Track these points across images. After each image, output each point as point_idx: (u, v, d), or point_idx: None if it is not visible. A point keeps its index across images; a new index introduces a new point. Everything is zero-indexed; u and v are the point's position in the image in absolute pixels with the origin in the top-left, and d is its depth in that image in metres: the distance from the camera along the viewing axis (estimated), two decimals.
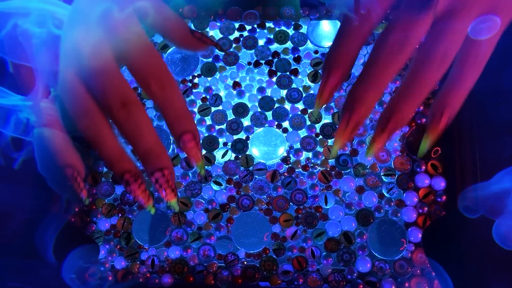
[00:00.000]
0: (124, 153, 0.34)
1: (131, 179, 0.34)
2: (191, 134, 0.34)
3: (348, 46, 0.33)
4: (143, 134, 0.33)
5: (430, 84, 0.31)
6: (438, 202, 0.42)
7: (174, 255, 0.42)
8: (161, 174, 0.33)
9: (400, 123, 0.31)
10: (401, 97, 0.32)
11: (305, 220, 0.42)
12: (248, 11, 0.47)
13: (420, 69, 0.31)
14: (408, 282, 0.40)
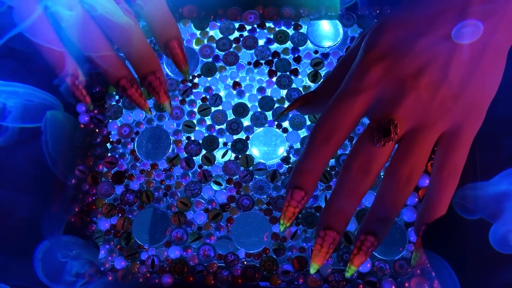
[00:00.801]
0: (119, 60, 0.36)
1: (128, 84, 0.36)
2: (177, 41, 0.37)
3: (316, 160, 0.32)
4: (133, 40, 0.35)
5: (400, 201, 0.31)
6: None
7: (174, 255, 0.42)
8: (154, 77, 0.36)
9: (374, 243, 0.32)
10: (374, 217, 0.32)
11: (305, 220, 0.42)
12: (248, 11, 0.47)
13: (388, 188, 0.31)
14: (408, 282, 0.40)
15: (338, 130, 0.32)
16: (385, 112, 0.31)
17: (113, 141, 0.45)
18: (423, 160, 0.31)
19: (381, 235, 0.32)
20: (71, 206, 0.43)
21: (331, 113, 0.32)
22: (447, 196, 0.32)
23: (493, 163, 0.41)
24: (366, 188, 0.32)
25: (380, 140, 0.31)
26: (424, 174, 0.42)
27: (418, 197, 0.42)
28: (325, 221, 0.32)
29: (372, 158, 0.31)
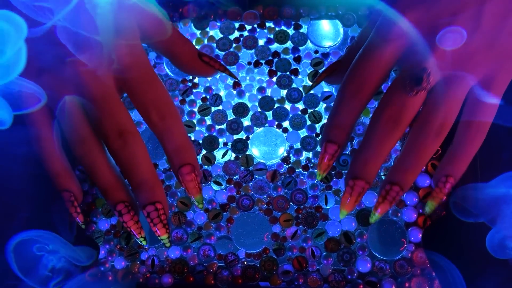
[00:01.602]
0: (119, 182, 0.33)
1: (124, 210, 0.33)
2: (190, 167, 0.34)
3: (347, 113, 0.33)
4: (138, 166, 0.32)
5: (428, 153, 0.32)
6: None
7: (174, 255, 0.42)
8: (154, 208, 0.33)
9: (399, 193, 0.32)
10: (400, 167, 0.32)
11: (305, 220, 0.42)
12: (248, 11, 0.47)
13: (418, 139, 0.31)
14: (408, 282, 0.40)
15: (368, 82, 0.32)
16: (417, 60, 0.30)
17: None
18: (455, 112, 0.31)
19: (406, 185, 0.32)
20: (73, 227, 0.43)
21: (360, 65, 0.32)
22: (471, 152, 0.32)
23: (493, 164, 0.41)
24: (396, 138, 0.31)
25: (412, 89, 0.30)
26: (425, 174, 0.42)
27: (418, 197, 0.42)
28: (354, 171, 0.32)
29: (403, 108, 0.30)
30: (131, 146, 0.32)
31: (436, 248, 0.41)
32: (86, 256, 0.40)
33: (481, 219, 0.36)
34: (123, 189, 0.34)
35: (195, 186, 0.34)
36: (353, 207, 0.33)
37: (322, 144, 0.34)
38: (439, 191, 0.33)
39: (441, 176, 0.33)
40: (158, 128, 0.33)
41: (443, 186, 0.33)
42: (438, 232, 0.41)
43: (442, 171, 0.33)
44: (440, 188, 0.33)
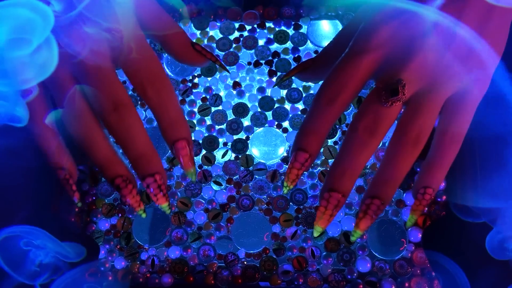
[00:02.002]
0: (116, 157, 0.33)
1: (123, 184, 0.33)
2: (184, 141, 0.34)
3: (321, 121, 0.32)
4: (135, 138, 0.32)
5: (406, 164, 0.31)
6: (438, 202, 0.42)
7: (174, 255, 0.42)
8: (153, 179, 0.33)
9: (380, 207, 0.32)
10: (380, 180, 0.32)
11: (305, 220, 0.42)
12: (248, 11, 0.47)
13: (395, 151, 0.31)
14: (408, 282, 0.40)
15: (344, 91, 0.32)
16: (393, 72, 0.31)
17: (113, 141, 0.45)
18: (431, 123, 0.31)
19: (386, 198, 0.31)
20: (71, 205, 0.43)
21: (337, 73, 0.32)
22: (447, 162, 0.32)
23: (494, 164, 0.41)
24: (372, 149, 0.31)
25: (387, 100, 0.30)
26: None
27: None
28: (330, 183, 0.31)
29: (379, 119, 0.31)
30: (126, 119, 0.32)
31: (436, 248, 0.41)
32: (75, 253, 0.39)
33: (482, 219, 0.36)
34: (120, 163, 0.34)
35: (189, 160, 0.34)
36: (328, 223, 0.32)
37: (292, 153, 0.33)
38: (418, 203, 0.33)
39: (420, 188, 0.33)
40: (153, 103, 0.33)
41: (422, 198, 0.33)
42: (438, 232, 0.42)
43: (420, 183, 0.33)
44: (419, 200, 0.33)
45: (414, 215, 0.33)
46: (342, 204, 0.32)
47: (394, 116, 0.31)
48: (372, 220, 0.32)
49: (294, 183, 0.33)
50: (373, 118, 0.31)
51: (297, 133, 0.33)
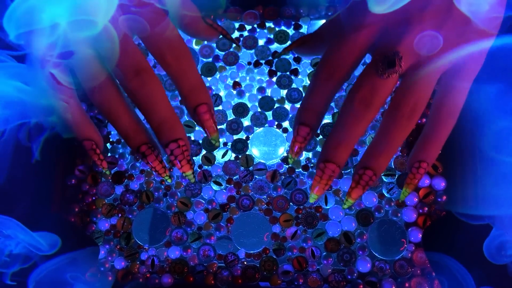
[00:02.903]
0: (140, 125, 0.34)
1: (148, 151, 0.33)
2: (206, 106, 0.34)
3: (320, 97, 0.33)
4: (157, 104, 0.33)
5: (400, 137, 0.32)
6: (438, 202, 0.42)
7: (174, 255, 0.42)
8: (176, 145, 0.33)
9: (373, 178, 0.32)
10: (373, 152, 0.32)
11: (305, 220, 0.42)
12: (248, 11, 0.47)
13: (389, 123, 0.32)
14: (408, 282, 0.40)
15: (342, 66, 0.32)
16: (390, 44, 0.31)
17: (113, 141, 0.45)
18: (426, 96, 0.32)
19: (379, 170, 0.32)
20: (71, 205, 0.43)
21: (335, 48, 0.33)
22: (443, 136, 0.33)
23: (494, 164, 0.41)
24: (368, 121, 0.32)
25: (384, 71, 0.31)
26: (425, 174, 0.42)
27: (418, 197, 0.42)
28: (325, 154, 0.32)
29: (375, 90, 0.31)
30: (148, 85, 0.32)
31: (436, 248, 0.41)
32: (48, 244, 0.38)
33: (486, 221, 0.36)
34: (145, 131, 0.34)
35: (212, 125, 0.35)
36: (323, 191, 0.33)
37: (294, 128, 0.34)
38: (412, 177, 0.33)
39: (414, 161, 0.33)
40: (173, 69, 0.33)
41: (416, 172, 0.33)
42: (438, 232, 0.41)
43: (415, 157, 0.33)
44: (413, 173, 0.33)
45: (408, 188, 0.34)
46: (337, 174, 0.33)
47: (390, 88, 0.32)
48: (363, 190, 0.33)
49: (297, 155, 0.34)
50: (369, 90, 0.31)
51: (298, 108, 0.34)
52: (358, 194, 0.33)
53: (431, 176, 0.42)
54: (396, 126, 0.31)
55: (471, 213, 0.37)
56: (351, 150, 0.32)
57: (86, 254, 0.41)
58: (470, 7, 0.31)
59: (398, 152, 0.43)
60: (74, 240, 0.42)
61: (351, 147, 0.32)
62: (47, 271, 0.37)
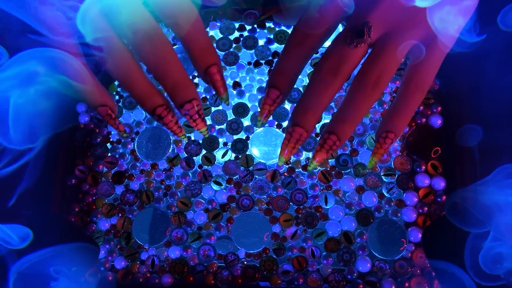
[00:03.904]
0: (154, 89, 0.35)
1: (164, 112, 0.35)
2: (216, 67, 0.36)
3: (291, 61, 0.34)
4: (170, 68, 0.34)
5: (365, 105, 0.33)
6: (438, 202, 0.42)
7: (174, 255, 0.42)
8: (191, 105, 0.34)
9: (336, 143, 0.33)
10: (338, 118, 0.34)
11: (305, 220, 0.42)
12: (248, 11, 0.47)
13: (355, 91, 0.33)
14: (408, 282, 0.40)
15: (313, 34, 0.34)
16: (361, 14, 0.32)
17: (113, 141, 0.45)
18: (393, 67, 0.32)
19: (343, 135, 0.33)
20: (71, 205, 0.43)
21: (307, 16, 0.34)
22: (411, 109, 0.34)
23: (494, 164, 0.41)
24: (335, 89, 0.33)
25: (352, 41, 0.32)
26: (424, 174, 0.42)
27: (418, 197, 0.42)
28: (294, 118, 0.34)
29: (342, 60, 0.32)
30: (161, 49, 0.33)
31: (436, 248, 0.41)
32: (18, 237, 0.36)
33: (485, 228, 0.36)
34: (159, 94, 0.35)
35: (222, 85, 0.36)
36: (290, 154, 0.34)
37: (265, 90, 0.35)
38: (379, 146, 0.34)
39: (382, 132, 0.34)
40: (184, 32, 0.34)
41: (383, 142, 0.34)
42: (438, 232, 0.42)
43: (383, 127, 0.34)
44: (380, 143, 0.34)
45: (374, 157, 0.35)
46: (304, 139, 0.34)
47: (358, 58, 0.33)
48: (327, 154, 0.34)
49: (266, 118, 0.36)
50: (337, 59, 0.32)
51: (270, 74, 0.35)
52: (322, 158, 0.34)
53: (431, 176, 0.42)
54: (361, 94, 0.32)
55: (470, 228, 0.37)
56: (319, 116, 0.34)
57: (73, 248, 0.40)
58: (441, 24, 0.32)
59: (398, 153, 0.43)
60: (74, 240, 0.42)
61: (319, 114, 0.34)
62: (31, 263, 0.36)
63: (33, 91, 0.36)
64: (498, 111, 0.42)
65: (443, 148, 0.43)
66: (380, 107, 0.44)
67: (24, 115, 0.36)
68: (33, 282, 0.36)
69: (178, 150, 0.44)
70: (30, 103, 0.36)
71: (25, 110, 0.36)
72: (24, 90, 0.35)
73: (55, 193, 0.44)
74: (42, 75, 0.35)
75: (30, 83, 0.35)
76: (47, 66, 0.35)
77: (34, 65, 0.35)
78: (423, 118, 0.44)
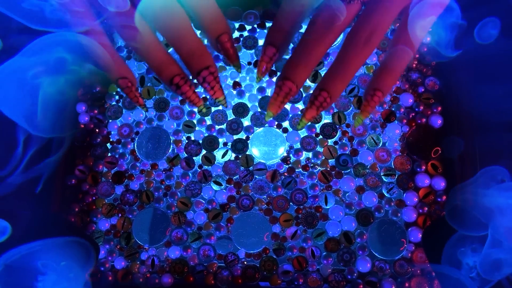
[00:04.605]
0: (171, 58, 0.36)
1: (181, 81, 0.35)
2: (227, 35, 0.36)
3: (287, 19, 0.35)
4: (185, 36, 0.34)
5: (357, 62, 0.33)
6: (438, 202, 0.42)
7: (174, 255, 0.42)
8: (208, 72, 0.35)
9: (327, 99, 0.34)
10: (330, 74, 0.34)
11: (305, 220, 0.42)
12: (248, 11, 0.47)
13: (347, 47, 0.33)
14: (408, 282, 0.40)
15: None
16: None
17: (113, 141, 0.45)
18: (386, 24, 0.33)
19: (334, 92, 0.34)
20: (71, 205, 0.43)
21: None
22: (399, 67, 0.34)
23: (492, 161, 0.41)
24: (327, 45, 0.33)
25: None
26: (424, 174, 0.42)
27: (418, 197, 0.42)
28: (284, 72, 0.34)
29: (337, 15, 0.33)
30: (176, 18, 0.34)
31: (436, 248, 0.41)
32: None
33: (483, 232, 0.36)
34: (176, 64, 0.36)
35: (235, 52, 0.37)
36: (278, 109, 0.35)
37: (263, 48, 0.36)
38: (367, 104, 0.35)
39: (370, 89, 0.35)
40: (195, 5, 0.35)
41: (370, 99, 0.34)
42: (438, 232, 0.41)
43: (371, 85, 0.35)
44: (368, 101, 0.35)
45: (361, 115, 0.35)
46: (293, 94, 0.34)
47: (352, 14, 0.33)
48: (317, 111, 0.34)
49: (264, 74, 0.36)
50: (331, 14, 0.33)
51: (267, 31, 0.36)
52: (312, 115, 0.34)
53: (431, 176, 0.42)
54: (353, 51, 0.33)
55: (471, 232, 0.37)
56: (310, 71, 0.34)
57: (63, 242, 0.38)
58: (418, 32, 0.33)
59: (398, 153, 0.43)
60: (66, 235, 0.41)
61: (310, 69, 0.34)
62: (20, 255, 0.35)
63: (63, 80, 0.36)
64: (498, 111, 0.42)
65: (443, 148, 0.43)
66: (380, 107, 0.44)
67: (52, 103, 0.36)
68: (20, 276, 0.35)
69: (178, 150, 0.44)
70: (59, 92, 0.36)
71: (53, 99, 0.36)
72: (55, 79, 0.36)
73: (55, 193, 0.44)
74: (70, 64, 0.35)
75: (59, 71, 0.35)
76: (74, 54, 0.35)
77: (60, 52, 0.35)
78: (423, 118, 0.44)
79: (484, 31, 0.37)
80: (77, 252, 0.39)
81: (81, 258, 0.40)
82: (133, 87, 0.37)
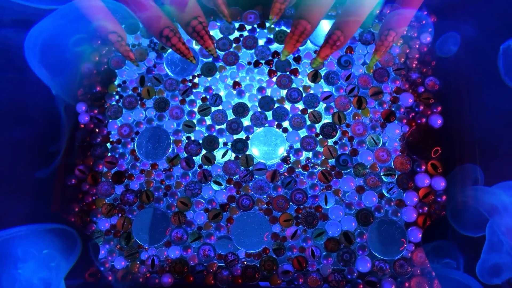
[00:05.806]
0: (160, 11, 0.37)
1: (171, 33, 0.36)
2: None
3: None
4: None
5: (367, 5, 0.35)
6: (438, 202, 0.42)
7: (174, 255, 0.42)
8: (197, 22, 0.36)
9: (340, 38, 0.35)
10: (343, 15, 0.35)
11: (305, 220, 0.42)
12: (248, 11, 0.47)
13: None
14: (408, 282, 0.40)
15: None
16: None
17: (113, 141, 0.45)
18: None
19: (347, 31, 0.35)
20: (71, 205, 0.43)
21: None
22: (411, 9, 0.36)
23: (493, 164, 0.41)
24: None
25: None
26: (424, 174, 0.42)
27: (418, 197, 0.42)
28: (299, 11, 0.35)
29: None
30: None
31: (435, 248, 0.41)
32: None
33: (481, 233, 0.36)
34: (165, 17, 0.37)
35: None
36: (294, 48, 0.36)
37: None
38: (381, 43, 0.36)
39: (384, 30, 0.36)
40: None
41: (384, 39, 0.36)
42: (438, 232, 0.41)
43: (384, 26, 0.36)
44: (382, 40, 0.36)
45: (376, 55, 0.37)
46: (308, 33, 0.36)
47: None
48: (331, 50, 0.36)
49: (278, 16, 0.38)
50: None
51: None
52: (326, 53, 0.36)
53: (431, 176, 0.42)
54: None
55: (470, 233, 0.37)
56: (324, 12, 0.35)
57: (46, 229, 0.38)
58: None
59: (398, 153, 0.43)
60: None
61: (324, 10, 0.35)
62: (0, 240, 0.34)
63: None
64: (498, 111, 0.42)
65: (443, 148, 0.43)
66: (380, 107, 0.44)
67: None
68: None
69: (178, 150, 0.44)
70: None
71: None
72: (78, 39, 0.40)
73: (55, 193, 0.44)
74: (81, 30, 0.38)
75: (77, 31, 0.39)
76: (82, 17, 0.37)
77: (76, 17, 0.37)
78: (423, 118, 0.44)
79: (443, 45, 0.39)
80: (62, 241, 0.38)
81: (65, 248, 0.38)
82: (123, 41, 0.38)
